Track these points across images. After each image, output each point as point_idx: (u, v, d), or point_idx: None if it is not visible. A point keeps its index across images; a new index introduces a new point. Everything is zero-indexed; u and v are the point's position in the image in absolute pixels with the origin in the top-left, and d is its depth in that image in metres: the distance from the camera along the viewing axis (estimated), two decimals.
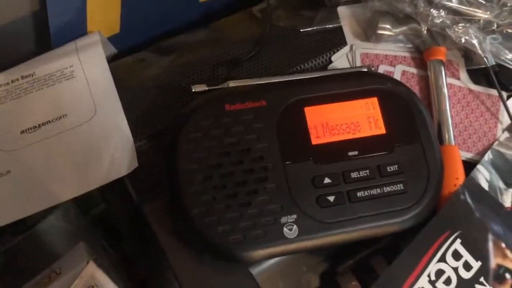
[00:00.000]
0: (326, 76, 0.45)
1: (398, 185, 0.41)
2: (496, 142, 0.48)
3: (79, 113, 0.45)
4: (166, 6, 0.55)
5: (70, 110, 0.45)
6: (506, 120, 0.49)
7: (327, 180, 0.40)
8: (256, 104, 0.41)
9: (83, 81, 0.46)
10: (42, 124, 0.45)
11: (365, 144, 0.42)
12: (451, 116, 0.48)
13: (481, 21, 0.47)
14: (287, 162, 0.40)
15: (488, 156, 0.47)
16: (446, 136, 0.46)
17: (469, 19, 0.46)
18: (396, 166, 0.42)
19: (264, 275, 0.43)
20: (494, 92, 0.50)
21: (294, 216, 0.39)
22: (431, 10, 0.45)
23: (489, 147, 0.48)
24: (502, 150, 0.48)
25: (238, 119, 0.40)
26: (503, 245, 0.43)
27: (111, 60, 0.52)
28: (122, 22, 0.53)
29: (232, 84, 0.43)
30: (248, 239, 0.38)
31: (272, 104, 0.41)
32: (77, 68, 0.47)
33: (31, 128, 0.45)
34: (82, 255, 0.42)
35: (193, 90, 0.42)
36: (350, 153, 0.42)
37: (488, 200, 0.45)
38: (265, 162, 0.40)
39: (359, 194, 0.40)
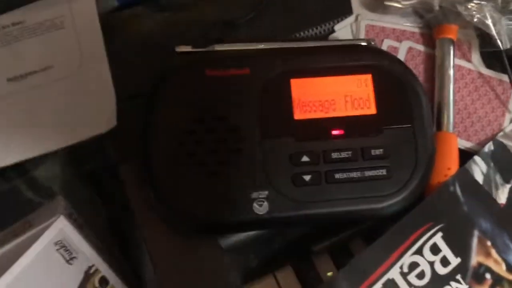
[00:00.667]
0: (320, 46, 0.42)
1: (381, 170, 0.39)
2: (501, 133, 0.45)
3: (65, 65, 0.44)
4: None
5: (57, 62, 0.45)
6: None
7: (305, 158, 0.38)
8: (238, 72, 0.39)
9: (71, 33, 0.45)
10: (29, 74, 0.44)
11: (352, 124, 0.39)
12: (455, 100, 0.45)
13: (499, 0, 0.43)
14: (265, 135, 0.38)
15: (489, 147, 0.44)
16: (445, 122, 0.44)
17: None
18: (381, 150, 0.39)
19: (235, 246, 0.42)
20: (507, 78, 0.46)
21: (266, 192, 0.38)
22: None
23: (492, 137, 0.45)
24: (506, 142, 0.44)
25: (218, 85, 0.39)
26: (489, 243, 0.40)
27: (110, 13, 0.50)
28: None
29: (218, 47, 0.41)
30: (215, 210, 0.37)
31: (256, 72, 0.39)
32: (67, 18, 0.46)
33: (18, 77, 0.44)
34: (55, 209, 0.42)
35: (177, 50, 0.41)
36: (334, 132, 0.39)
37: (480, 194, 0.42)
38: (241, 132, 0.38)
39: (337, 175, 0.38)
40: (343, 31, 0.47)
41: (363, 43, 0.43)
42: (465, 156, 0.44)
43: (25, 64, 0.45)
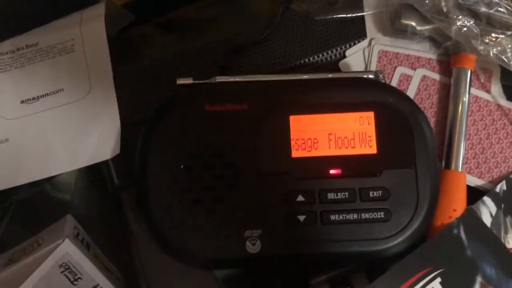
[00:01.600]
0: (321, 80, 0.41)
1: (379, 213, 0.38)
2: None
3: (75, 89, 0.45)
4: None
5: (67, 85, 0.46)
6: None
7: (300, 198, 0.38)
8: (237, 107, 0.39)
9: (81, 56, 0.46)
10: (41, 96, 0.46)
11: (351, 163, 0.39)
12: (469, 134, 0.43)
13: None
14: (261, 173, 0.38)
15: (501, 187, 0.42)
16: (454, 160, 0.42)
17: (504, 31, 0.39)
18: (380, 191, 0.38)
19: (232, 277, 0.43)
20: None
21: (259, 231, 0.38)
22: (456, 16, 0.39)
23: (506, 176, 0.43)
24: None
25: (216, 121, 0.38)
26: None
27: (128, 27, 0.51)
28: None
29: (219, 79, 0.41)
30: (208, 248, 0.37)
31: (254, 108, 0.39)
32: (77, 42, 0.46)
33: (30, 99, 0.46)
34: (62, 230, 0.44)
35: (178, 83, 0.41)
36: (332, 171, 0.38)
37: (486, 237, 0.40)
38: (236, 169, 0.38)
39: (333, 217, 0.38)
40: (355, 56, 0.46)
41: (370, 76, 0.41)
42: (475, 194, 0.42)
43: (38, 86, 0.46)
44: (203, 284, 0.41)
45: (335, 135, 0.39)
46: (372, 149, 0.39)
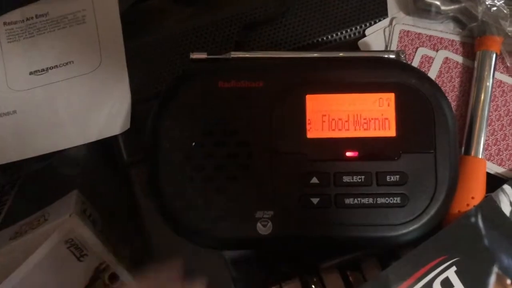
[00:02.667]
0: (341, 58, 0.39)
1: (396, 198, 0.37)
2: None
3: (85, 61, 0.44)
4: None
5: (77, 57, 0.44)
6: None
7: (314, 180, 0.37)
8: (252, 84, 0.37)
9: (93, 28, 0.45)
10: (50, 68, 0.45)
11: (368, 146, 0.37)
12: (491, 120, 0.42)
13: None
14: (275, 153, 0.37)
15: None
16: (474, 146, 0.40)
17: None
18: (397, 176, 0.37)
19: (241, 259, 0.42)
20: None
21: (271, 212, 0.36)
22: None
23: None
24: None
25: (230, 98, 0.37)
26: (509, 281, 0.38)
27: (134, 4, 0.49)
28: None
29: (234, 55, 0.39)
30: (218, 227, 0.36)
31: (270, 86, 0.37)
32: (89, 12, 0.45)
33: (39, 71, 0.45)
34: (69, 206, 0.43)
35: (191, 57, 0.39)
36: (349, 154, 0.37)
37: (505, 227, 0.39)
38: (250, 148, 0.37)
39: (347, 200, 0.37)
40: (375, 35, 0.44)
41: (391, 56, 0.40)
42: (495, 182, 0.40)
43: (47, 58, 0.45)
44: (212, 264, 0.40)
45: (352, 116, 0.37)
46: (391, 132, 0.37)
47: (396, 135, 0.37)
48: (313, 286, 0.42)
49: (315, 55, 0.39)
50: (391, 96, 0.37)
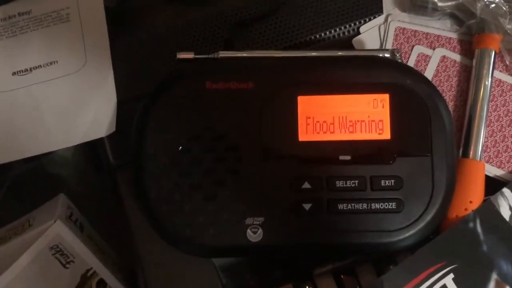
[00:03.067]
0: (333, 58, 0.38)
1: (391, 203, 0.35)
2: None
3: (70, 61, 0.43)
4: None
5: (61, 57, 0.43)
6: None
7: (306, 185, 0.35)
8: (241, 86, 0.36)
9: (77, 26, 0.43)
10: (34, 68, 0.43)
11: (362, 149, 0.36)
12: (490, 120, 0.40)
13: None
14: (266, 157, 0.35)
15: None
16: (472, 148, 0.39)
17: None
18: (392, 180, 0.35)
19: (232, 266, 0.40)
20: None
21: (261, 218, 0.35)
22: None
23: None
24: None
25: (218, 100, 0.36)
26: None
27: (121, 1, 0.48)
28: None
29: (222, 54, 0.38)
30: (206, 235, 0.35)
31: (260, 87, 0.36)
32: (73, 11, 0.43)
33: (22, 71, 0.43)
34: (54, 211, 0.42)
35: (178, 57, 0.38)
36: (342, 157, 0.36)
37: (504, 232, 0.37)
38: (240, 152, 0.36)
39: (340, 206, 0.35)
40: (370, 33, 0.43)
41: (386, 55, 0.38)
42: (494, 185, 0.39)
43: (31, 57, 0.43)
44: (201, 271, 0.39)
45: (346, 118, 0.36)
46: (386, 135, 0.36)
47: (390, 138, 0.36)
48: None
49: (307, 54, 0.38)
50: (385, 97, 0.36)
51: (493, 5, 0.36)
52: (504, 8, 0.36)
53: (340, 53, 0.38)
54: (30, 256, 0.39)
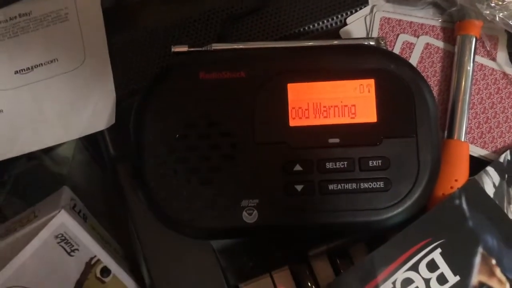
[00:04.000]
0: (321, 47, 0.39)
1: (379, 182, 0.37)
2: None
3: (69, 59, 0.44)
4: None
5: (61, 55, 0.45)
6: None
7: (298, 167, 0.37)
8: (234, 75, 0.38)
9: (75, 25, 0.45)
10: (35, 66, 0.45)
11: (350, 132, 0.38)
12: (473, 103, 0.42)
13: None
14: (258, 142, 0.37)
15: (505, 157, 0.41)
16: (456, 129, 0.41)
17: None
18: (380, 161, 0.37)
19: (228, 248, 0.42)
20: None
21: (256, 200, 0.37)
22: None
23: (510, 146, 0.41)
24: None
25: (212, 89, 0.37)
26: (494, 261, 0.38)
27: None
28: None
29: (215, 47, 0.39)
30: (204, 218, 0.37)
31: (252, 76, 0.38)
32: (71, 10, 0.45)
33: (24, 69, 0.45)
34: (58, 201, 0.43)
35: (173, 51, 0.40)
36: (331, 140, 0.37)
37: (489, 208, 0.39)
38: (233, 138, 0.37)
39: (331, 186, 0.37)
40: (356, 24, 0.44)
41: (371, 43, 0.40)
42: (479, 164, 0.41)
43: (32, 56, 0.45)
44: (201, 255, 0.40)
45: (334, 103, 0.38)
46: (372, 118, 0.38)
47: (377, 120, 0.38)
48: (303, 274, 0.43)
49: (296, 44, 0.40)
50: (371, 82, 0.38)
51: None
52: None
53: (327, 42, 0.40)
54: (36, 244, 0.41)
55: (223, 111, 0.38)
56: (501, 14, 0.38)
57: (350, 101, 0.38)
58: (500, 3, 0.38)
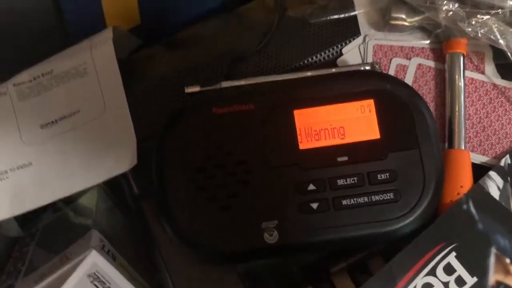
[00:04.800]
0: (320, 76, 0.43)
1: (388, 194, 0.39)
2: None
3: (91, 109, 0.48)
4: None
5: (83, 106, 0.48)
6: None
7: (311, 187, 0.40)
8: (243, 108, 0.41)
9: (94, 78, 0.49)
10: (59, 119, 0.48)
11: (356, 150, 0.40)
12: (469, 114, 0.45)
13: (507, 11, 0.42)
14: (271, 166, 0.40)
15: (506, 160, 0.43)
16: (456, 139, 0.43)
17: (489, 10, 0.41)
18: (387, 174, 0.40)
19: (253, 271, 0.44)
20: None
21: (275, 221, 0.39)
22: (442, 2, 0.41)
23: (509, 150, 0.44)
24: None
25: (225, 122, 0.41)
26: (508, 260, 0.40)
27: (136, 51, 0.54)
28: (141, 13, 0.55)
29: (224, 84, 0.43)
30: (228, 242, 0.39)
31: (260, 107, 0.41)
32: (89, 65, 0.49)
33: (49, 123, 0.48)
34: (88, 243, 0.46)
35: (186, 92, 0.43)
36: (339, 159, 0.40)
37: (496, 210, 0.41)
38: (248, 165, 0.40)
39: (344, 202, 0.39)
40: (351, 53, 0.48)
41: (367, 67, 0.44)
42: (482, 171, 0.43)
43: (56, 110, 0.48)
44: (225, 279, 0.42)
45: (338, 124, 0.41)
46: (376, 134, 0.41)
47: (380, 137, 0.40)
48: None
49: (298, 76, 0.43)
50: (370, 102, 0.41)
51: (451, 13, 0.42)
52: (461, 14, 0.42)
53: (326, 71, 0.43)
54: (71, 284, 0.43)
55: (236, 141, 0.41)
56: (482, 30, 0.42)
57: (353, 122, 0.41)
58: (480, 20, 0.42)
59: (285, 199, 0.40)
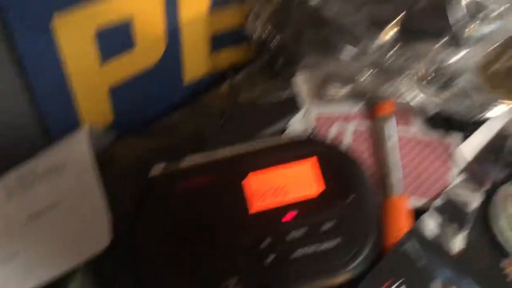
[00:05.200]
0: (264, 149, 0.49)
1: (335, 241, 0.44)
2: (448, 188, 0.49)
3: (71, 199, 0.54)
4: (153, 92, 0.64)
5: (64, 197, 0.54)
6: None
7: (265, 243, 0.44)
8: (203, 181, 0.47)
9: (73, 173, 0.55)
10: (42, 212, 0.54)
11: (303, 204, 0.45)
12: (402, 166, 0.51)
13: (417, 72, 0.49)
14: (228, 230, 0.45)
15: (437, 202, 0.48)
16: (390, 189, 0.49)
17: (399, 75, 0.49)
18: (332, 222, 0.45)
19: None
20: (447, 138, 0.52)
21: (237, 277, 0.43)
22: (359, 72, 0.49)
23: (442, 192, 0.49)
24: (453, 195, 0.49)
25: (187, 197, 0.46)
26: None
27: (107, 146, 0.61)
28: (115, 111, 0.62)
29: (185, 164, 0.49)
30: None
31: (217, 179, 0.47)
32: (68, 162, 0.56)
33: (35, 214, 0.54)
34: None
35: (150, 176, 0.49)
36: (288, 215, 0.45)
37: (434, 246, 0.46)
38: (209, 234, 0.45)
39: (296, 254, 0.44)
40: (296, 124, 0.55)
41: (304, 137, 0.50)
42: (422, 213, 0.48)
43: (38, 205, 0.54)
44: None
45: (285, 184, 0.46)
46: (320, 188, 0.46)
47: (324, 190, 0.46)
48: None
49: (249, 148, 0.50)
50: (313, 160, 0.47)
51: (369, 79, 0.49)
52: (378, 81, 0.49)
53: (271, 143, 0.50)
54: None
55: (200, 211, 0.46)
56: (398, 93, 0.49)
57: (299, 179, 0.46)
58: (392, 85, 0.49)
59: (242, 256, 0.44)
